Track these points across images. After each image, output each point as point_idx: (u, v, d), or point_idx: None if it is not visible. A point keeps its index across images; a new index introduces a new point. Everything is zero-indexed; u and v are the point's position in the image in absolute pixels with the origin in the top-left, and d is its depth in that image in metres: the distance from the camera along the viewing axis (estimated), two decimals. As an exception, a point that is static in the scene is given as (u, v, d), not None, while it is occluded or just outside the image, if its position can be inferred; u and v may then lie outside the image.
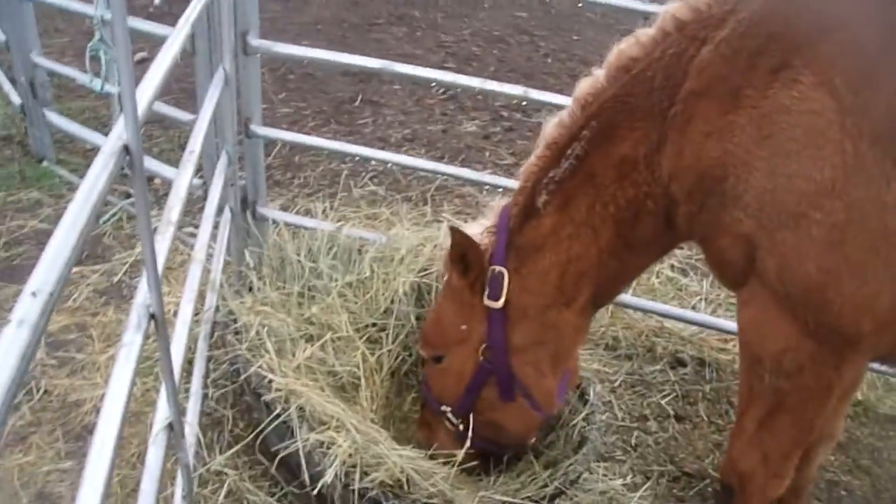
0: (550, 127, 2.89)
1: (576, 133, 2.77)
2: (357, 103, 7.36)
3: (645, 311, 4.61)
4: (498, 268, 2.96)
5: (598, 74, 2.76)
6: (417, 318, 3.71)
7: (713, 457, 3.87)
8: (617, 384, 4.27)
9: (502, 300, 2.96)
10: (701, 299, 4.90)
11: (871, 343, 2.40)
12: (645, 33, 2.67)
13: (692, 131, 2.49)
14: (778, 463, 2.73)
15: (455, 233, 2.96)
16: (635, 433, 3.99)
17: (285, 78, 7.74)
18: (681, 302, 4.88)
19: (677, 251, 5.36)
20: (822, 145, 2.23)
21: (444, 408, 3.26)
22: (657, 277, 5.09)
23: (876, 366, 4.05)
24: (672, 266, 5.23)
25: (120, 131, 1.82)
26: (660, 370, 4.41)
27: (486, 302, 2.99)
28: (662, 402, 4.20)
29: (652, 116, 2.59)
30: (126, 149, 1.81)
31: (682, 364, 4.48)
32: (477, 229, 3.09)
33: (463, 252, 2.99)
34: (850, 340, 2.38)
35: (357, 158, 6.16)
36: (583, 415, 3.41)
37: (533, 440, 3.36)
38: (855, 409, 4.28)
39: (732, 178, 2.41)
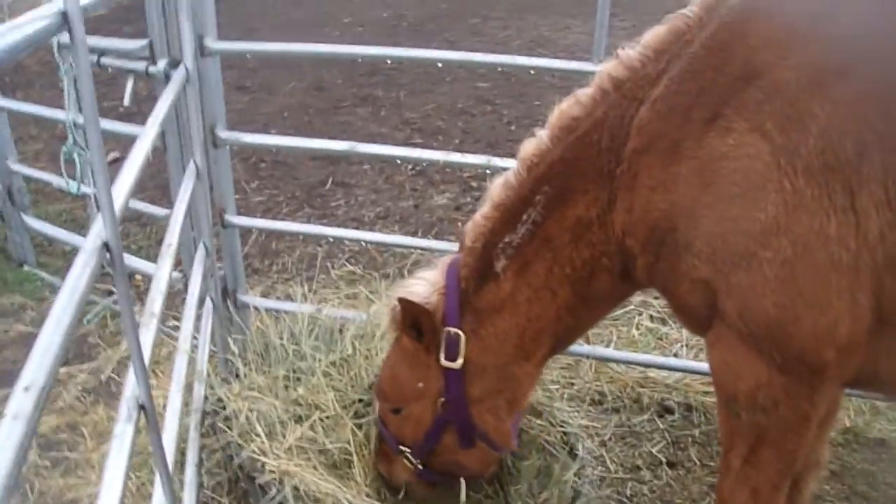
0: (497, 187, 2.96)
1: (526, 196, 2.85)
2: (328, 186, 7.48)
3: (628, 363, 4.66)
4: (454, 330, 3.01)
5: (542, 135, 2.86)
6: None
7: (708, 499, 3.89)
8: (607, 437, 4.30)
9: (460, 360, 3.02)
10: (682, 346, 4.96)
11: (837, 371, 2.46)
12: (584, 93, 2.77)
13: (639, 187, 2.60)
14: (767, 496, 2.76)
15: (405, 303, 3.00)
16: (629, 484, 4.02)
17: (257, 167, 7.87)
18: (662, 351, 4.94)
19: (654, 301, 5.45)
20: (762, 186, 2.33)
21: (402, 448, 3.30)
22: (637, 329, 5.16)
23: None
24: (651, 317, 5.30)
25: (99, 229, 1.89)
26: (648, 419, 4.45)
27: (444, 362, 3.04)
28: (653, 450, 4.23)
29: (601, 177, 2.69)
30: (106, 246, 1.89)
31: (670, 411, 4.52)
32: (424, 289, 3.11)
33: (415, 319, 3.04)
34: (817, 371, 2.44)
35: (332, 240, 6.27)
36: (574, 469, 3.44)
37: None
38: (845, 437, 4.33)
39: (682, 227, 2.51)
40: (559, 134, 2.80)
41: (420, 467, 3.30)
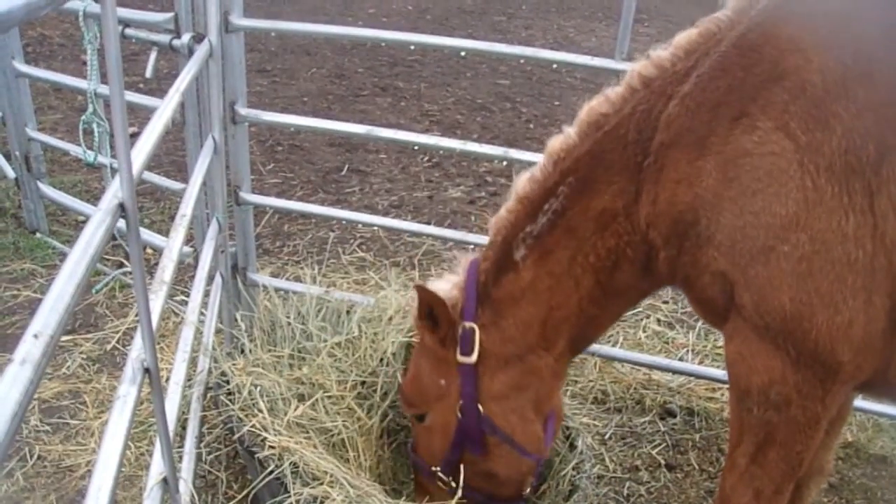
0: (522, 181, 2.98)
1: (551, 188, 2.87)
2: (344, 172, 7.49)
3: (633, 363, 4.66)
4: (469, 324, 3.02)
5: (570, 131, 2.88)
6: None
7: (705, 504, 3.91)
8: (607, 436, 4.31)
9: (475, 356, 3.01)
10: (688, 351, 4.96)
11: (851, 373, 2.48)
12: (613, 91, 2.80)
13: (664, 180, 2.63)
14: (770, 498, 2.77)
15: (421, 290, 3.00)
16: (627, 484, 4.02)
17: (273, 149, 7.88)
18: (668, 354, 4.94)
19: (663, 305, 5.45)
20: (784, 182, 2.37)
21: (434, 468, 3.26)
22: (644, 332, 5.16)
23: (865, 406, 4.13)
24: (658, 320, 5.30)
25: (115, 189, 1.90)
26: (649, 421, 4.46)
27: (459, 358, 3.04)
28: (653, 452, 4.23)
29: (628, 170, 2.72)
30: (121, 207, 1.89)
31: (672, 414, 4.53)
32: (445, 285, 3.15)
33: (430, 308, 3.04)
34: (831, 371, 2.46)
35: (345, 225, 6.28)
36: (572, 464, 3.44)
37: (528, 489, 3.34)
38: (846, 451, 4.33)
39: (704, 220, 2.54)
40: (587, 129, 2.82)
41: (453, 484, 3.21)
